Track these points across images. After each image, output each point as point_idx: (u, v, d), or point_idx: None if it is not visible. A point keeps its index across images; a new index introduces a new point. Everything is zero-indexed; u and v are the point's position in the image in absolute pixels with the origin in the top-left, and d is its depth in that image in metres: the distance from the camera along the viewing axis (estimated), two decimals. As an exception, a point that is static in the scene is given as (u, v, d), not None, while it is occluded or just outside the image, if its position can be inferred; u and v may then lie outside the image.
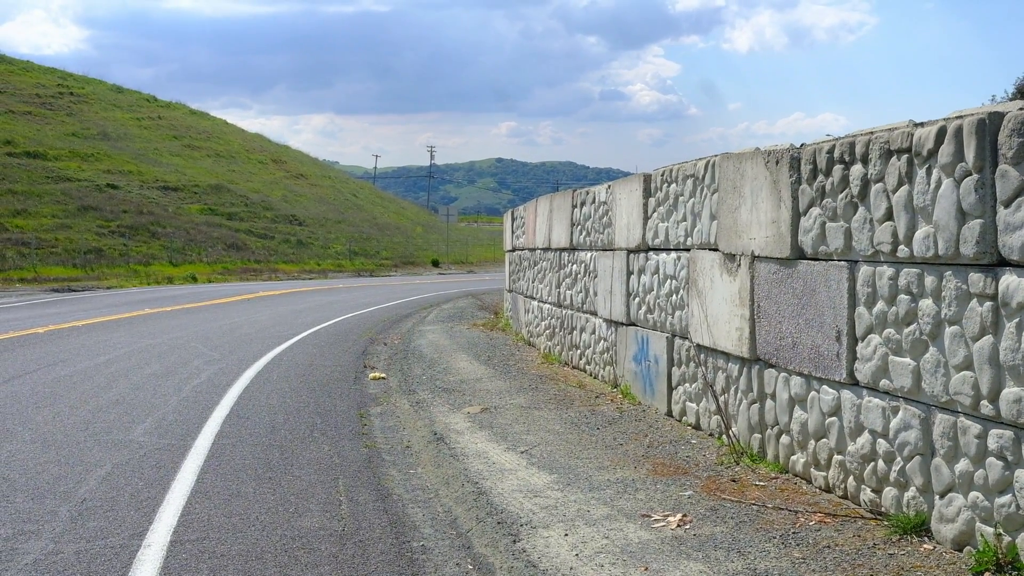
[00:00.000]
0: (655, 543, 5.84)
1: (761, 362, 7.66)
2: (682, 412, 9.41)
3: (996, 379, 4.99)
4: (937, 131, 5.40)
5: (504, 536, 6.09)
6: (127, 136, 64.97)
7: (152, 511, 6.68)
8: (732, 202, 8.05)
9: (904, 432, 5.79)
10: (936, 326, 5.46)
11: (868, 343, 6.14)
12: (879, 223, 5.96)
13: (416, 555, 5.85)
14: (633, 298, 10.89)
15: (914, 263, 5.66)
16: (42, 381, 12.16)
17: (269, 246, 55.50)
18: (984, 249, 5.05)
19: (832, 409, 6.62)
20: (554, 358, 14.38)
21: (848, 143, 6.31)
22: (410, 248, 71.19)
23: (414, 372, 13.41)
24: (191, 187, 59.32)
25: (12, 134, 55.69)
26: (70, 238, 44.04)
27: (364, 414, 10.37)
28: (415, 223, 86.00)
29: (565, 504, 6.73)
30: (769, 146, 7.53)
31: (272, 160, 78.65)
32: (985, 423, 5.10)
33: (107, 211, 49.30)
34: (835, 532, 5.89)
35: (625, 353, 11.14)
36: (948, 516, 5.42)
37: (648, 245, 10.39)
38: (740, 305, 7.91)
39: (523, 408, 10.50)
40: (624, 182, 11.34)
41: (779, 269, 7.26)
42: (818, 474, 6.85)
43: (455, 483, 7.46)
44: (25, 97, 64.39)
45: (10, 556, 5.75)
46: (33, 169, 51.23)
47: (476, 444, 8.73)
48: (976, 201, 5.09)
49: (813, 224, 6.75)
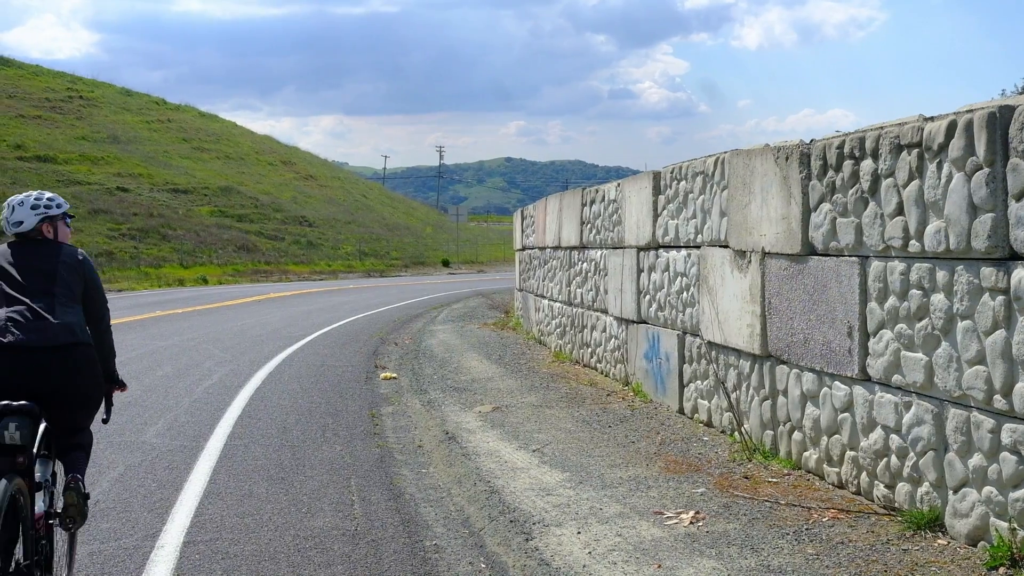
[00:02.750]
0: (668, 540, 5.84)
1: (773, 358, 7.65)
2: (694, 409, 9.40)
3: (1009, 373, 4.97)
4: (947, 125, 5.38)
5: (517, 535, 6.09)
6: (137, 139, 65.16)
7: (165, 512, 6.70)
8: (742, 199, 8.04)
9: (917, 427, 5.77)
10: (948, 321, 5.44)
11: (880, 338, 6.12)
12: (890, 218, 5.94)
13: (429, 554, 5.85)
14: (643, 296, 10.87)
15: (925, 258, 5.64)
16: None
17: (279, 247, 55.62)
18: (996, 243, 5.03)
19: (844, 405, 6.60)
20: (565, 356, 14.38)
21: (858, 138, 6.30)
22: (420, 248, 71.26)
23: (425, 372, 13.42)
24: (201, 189, 59.48)
25: (23, 138, 55.93)
26: (81, 241, 44.14)
27: (376, 414, 10.38)
28: (425, 223, 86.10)
29: (577, 502, 6.73)
30: (779, 142, 7.51)
31: (281, 161, 78.82)
32: (998, 417, 5.08)
33: (117, 214, 49.47)
34: (848, 528, 5.87)
35: (636, 351, 11.13)
36: (962, 511, 5.40)
37: (658, 243, 10.38)
38: (751, 302, 7.90)
39: (535, 407, 10.50)
40: (633, 180, 11.33)
41: (790, 265, 7.25)
42: (831, 470, 6.83)
43: (467, 482, 7.46)
44: (35, 101, 64.64)
45: None
46: (44, 173, 51.41)
47: (488, 443, 8.74)
48: (987, 195, 5.07)
49: (824, 220, 6.73)
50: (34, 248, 4.98)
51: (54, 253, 4.99)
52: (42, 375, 4.63)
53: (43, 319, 4.70)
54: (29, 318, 4.67)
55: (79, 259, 5.05)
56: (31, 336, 4.63)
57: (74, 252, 5.08)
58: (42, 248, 5.00)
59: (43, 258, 4.94)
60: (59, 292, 4.85)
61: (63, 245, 5.10)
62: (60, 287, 4.86)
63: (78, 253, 5.09)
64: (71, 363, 4.73)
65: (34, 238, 5.03)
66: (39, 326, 4.67)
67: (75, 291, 4.94)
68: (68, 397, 4.76)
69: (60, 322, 4.74)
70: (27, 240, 5.02)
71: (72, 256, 5.03)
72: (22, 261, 4.89)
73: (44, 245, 5.03)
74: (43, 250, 4.99)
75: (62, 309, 4.80)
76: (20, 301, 4.72)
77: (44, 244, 5.03)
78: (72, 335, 4.77)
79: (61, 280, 4.89)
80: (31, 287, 4.79)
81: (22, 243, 5.00)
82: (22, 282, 4.79)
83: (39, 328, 4.67)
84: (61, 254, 5.00)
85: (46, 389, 4.64)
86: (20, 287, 4.78)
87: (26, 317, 4.67)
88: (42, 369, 4.63)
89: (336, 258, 58.98)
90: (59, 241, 5.13)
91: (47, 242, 5.06)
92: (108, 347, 5.18)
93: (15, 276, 4.81)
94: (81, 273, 5.01)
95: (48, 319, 4.71)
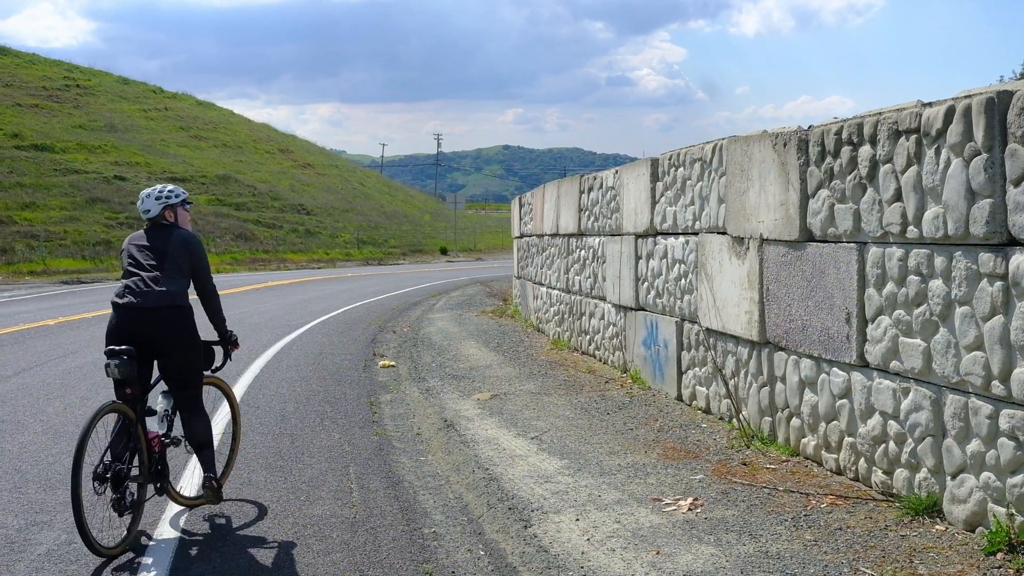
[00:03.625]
0: (666, 527, 5.84)
1: (771, 345, 7.65)
2: (692, 396, 9.41)
3: (1007, 359, 4.97)
4: (946, 111, 5.37)
5: (515, 522, 6.10)
6: (134, 128, 64.98)
7: (165, 501, 6.70)
8: (740, 185, 8.02)
9: (915, 413, 5.78)
10: (946, 307, 5.44)
11: (878, 325, 6.12)
12: (888, 204, 5.94)
13: (427, 541, 5.86)
14: (642, 283, 10.87)
15: (924, 244, 5.63)
16: (53, 373, 12.20)
17: (277, 236, 55.52)
18: (994, 229, 5.02)
19: (842, 391, 6.61)
20: (563, 344, 14.38)
21: (856, 124, 6.28)
22: (418, 236, 71.18)
23: (424, 360, 13.42)
24: (198, 178, 59.32)
25: (19, 127, 55.75)
26: (79, 230, 44.11)
27: (374, 402, 10.39)
28: (423, 211, 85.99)
29: (576, 489, 6.74)
30: (777, 128, 7.49)
31: (279, 150, 78.63)
32: (996, 403, 5.08)
33: (115, 203, 49.33)
34: (847, 514, 5.88)
35: (634, 338, 11.13)
36: (960, 497, 5.40)
37: (656, 229, 10.37)
38: (749, 288, 7.89)
39: (533, 394, 10.51)
40: (631, 167, 11.31)
41: (788, 252, 7.24)
42: (829, 456, 6.84)
43: (466, 469, 7.47)
44: (32, 90, 64.43)
45: (23, 547, 5.77)
46: (41, 162, 51.27)
47: (486, 431, 8.74)
48: (985, 181, 5.06)
49: (822, 206, 6.72)
50: (157, 232, 6.36)
51: (169, 236, 6.34)
52: (143, 328, 6.04)
53: (150, 288, 6.08)
54: (140, 287, 6.09)
55: (185, 240, 6.36)
56: (139, 299, 6.05)
57: (183, 234, 6.40)
58: (162, 232, 6.36)
59: (161, 240, 6.31)
60: (167, 267, 6.20)
61: (178, 229, 6.43)
62: (169, 263, 6.22)
63: (186, 235, 6.41)
64: (165, 321, 6.10)
65: (159, 223, 6.40)
66: (146, 292, 6.07)
67: (182, 266, 6.28)
68: (163, 345, 6.11)
69: (162, 290, 6.09)
70: (155, 225, 6.39)
71: (180, 238, 6.36)
72: (146, 243, 6.30)
73: (164, 229, 6.38)
74: (163, 233, 6.35)
75: (166, 280, 6.15)
76: (136, 274, 6.16)
77: (164, 228, 6.39)
78: (170, 300, 6.11)
79: (170, 258, 6.24)
80: (147, 263, 6.20)
81: (152, 228, 6.39)
82: (141, 260, 6.22)
83: (145, 294, 6.07)
84: (173, 236, 6.34)
85: (146, 339, 6.04)
86: (138, 264, 6.21)
87: (138, 286, 6.10)
88: (144, 324, 6.04)
89: (334, 246, 58.90)
90: (178, 225, 6.48)
91: (167, 226, 6.41)
92: (213, 309, 6.56)
93: (136, 256, 6.25)
94: (188, 251, 6.34)
95: (153, 288, 6.08)
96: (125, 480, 5.76)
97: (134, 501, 5.90)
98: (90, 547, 5.46)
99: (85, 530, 5.40)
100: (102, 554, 5.53)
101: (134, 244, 6.34)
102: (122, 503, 5.74)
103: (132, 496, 5.88)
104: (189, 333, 6.21)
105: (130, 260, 6.25)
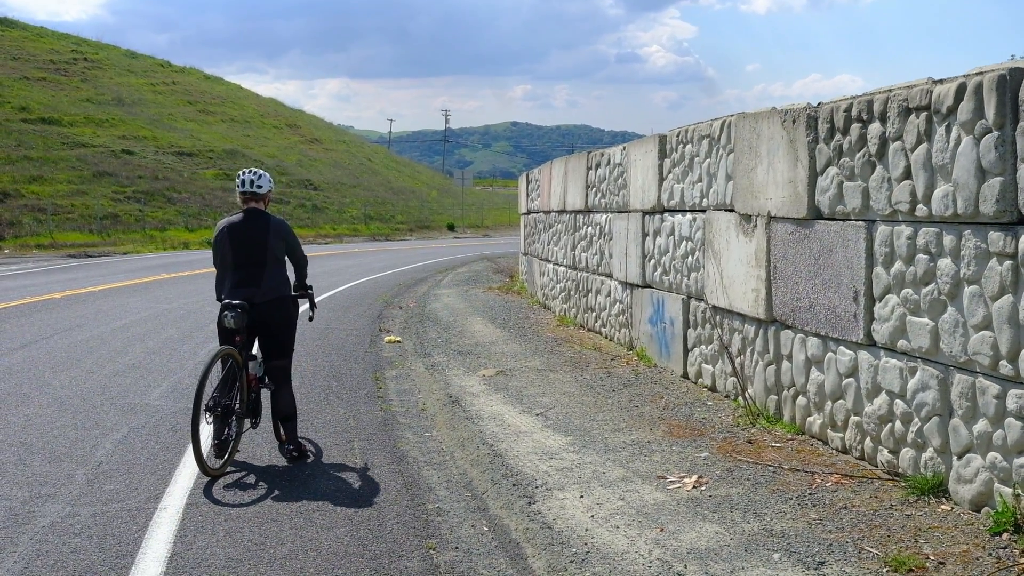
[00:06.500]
0: (671, 504, 5.83)
1: (777, 323, 7.62)
2: (698, 374, 9.39)
3: (1015, 339, 4.93)
4: (957, 88, 5.31)
5: (519, 498, 6.09)
6: (142, 102, 64.88)
7: (168, 474, 6.71)
8: (748, 162, 7.97)
9: (922, 393, 5.75)
10: (955, 286, 5.40)
11: (886, 303, 6.08)
12: (897, 182, 5.89)
13: (432, 517, 5.86)
14: (648, 260, 10.83)
15: (933, 222, 5.59)
16: (59, 346, 12.22)
17: (284, 211, 55.49)
18: (1004, 207, 4.97)
19: (849, 370, 6.58)
20: (569, 320, 14.36)
21: (866, 101, 6.22)
22: (425, 212, 71.13)
23: (429, 335, 13.41)
24: (206, 152, 59.27)
25: (27, 100, 55.69)
26: (86, 204, 44.12)
27: (379, 377, 10.38)
28: (430, 187, 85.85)
29: (580, 466, 6.73)
30: (786, 105, 7.43)
31: (287, 125, 78.49)
32: (1004, 383, 5.05)
33: (122, 177, 49.33)
34: (852, 493, 5.86)
35: (640, 315, 11.10)
36: (966, 477, 5.38)
37: (663, 206, 10.32)
38: (756, 266, 7.85)
39: (538, 371, 10.49)
40: (639, 143, 11.25)
41: (796, 229, 7.20)
42: (835, 435, 6.82)
43: (470, 445, 7.46)
44: (40, 63, 64.32)
45: (27, 519, 5.78)
46: (48, 135, 51.23)
47: (491, 407, 8.73)
48: (996, 159, 5.01)
49: (830, 184, 6.67)
50: (252, 222, 6.98)
51: (265, 226, 6.99)
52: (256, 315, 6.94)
53: (255, 284, 6.92)
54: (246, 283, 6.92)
55: (277, 224, 7.06)
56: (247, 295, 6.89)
57: (276, 221, 7.07)
58: (258, 221, 6.99)
59: (258, 230, 6.96)
60: (268, 260, 6.95)
61: (270, 218, 7.05)
62: (269, 255, 6.96)
63: (278, 220, 7.08)
64: (271, 310, 7.00)
65: (253, 210, 7.04)
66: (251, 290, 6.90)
67: (279, 254, 7.05)
68: (267, 326, 7.04)
69: (265, 286, 6.93)
70: (248, 215, 7.01)
71: (275, 224, 7.03)
72: (241, 236, 6.94)
73: (259, 219, 7.01)
74: (259, 223, 6.99)
75: (268, 274, 6.96)
76: (240, 270, 6.93)
77: (259, 218, 7.01)
78: (274, 292, 6.98)
79: (270, 249, 6.96)
80: (249, 259, 6.92)
81: (245, 219, 7.00)
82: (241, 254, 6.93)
83: (251, 291, 6.90)
84: (270, 225, 7.00)
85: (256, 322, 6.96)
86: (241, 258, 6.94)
87: (245, 282, 6.92)
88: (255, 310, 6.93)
89: (341, 222, 58.88)
90: (267, 213, 7.10)
91: (261, 215, 7.04)
92: (303, 267, 7.38)
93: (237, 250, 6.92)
94: (282, 235, 7.05)
95: (256, 288, 6.91)
96: (231, 415, 6.79)
97: (233, 432, 6.87)
98: (201, 467, 6.45)
99: (199, 453, 6.37)
100: (209, 473, 6.51)
101: (234, 236, 6.97)
102: (225, 432, 6.76)
103: (231, 428, 6.86)
104: (286, 318, 7.15)
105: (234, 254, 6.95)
